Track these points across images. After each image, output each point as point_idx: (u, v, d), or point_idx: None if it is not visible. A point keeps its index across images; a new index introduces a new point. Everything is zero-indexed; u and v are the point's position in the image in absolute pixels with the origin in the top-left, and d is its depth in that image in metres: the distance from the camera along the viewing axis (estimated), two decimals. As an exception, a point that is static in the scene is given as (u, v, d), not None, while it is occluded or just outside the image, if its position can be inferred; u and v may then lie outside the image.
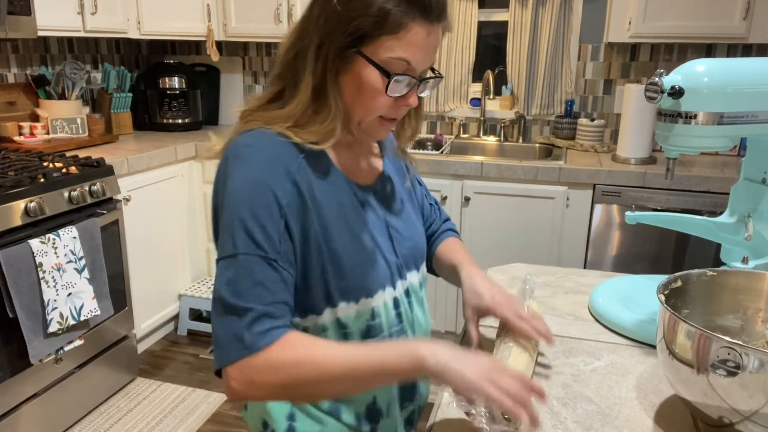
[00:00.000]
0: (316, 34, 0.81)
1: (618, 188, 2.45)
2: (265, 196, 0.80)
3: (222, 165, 0.84)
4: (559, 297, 1.21)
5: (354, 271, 0.86)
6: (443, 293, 2.76)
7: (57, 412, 2.17)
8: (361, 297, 0.88)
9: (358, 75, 0.81)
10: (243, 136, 0.84)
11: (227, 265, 0.79)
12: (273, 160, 0.82)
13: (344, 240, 0.86)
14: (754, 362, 0.64)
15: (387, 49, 0.79)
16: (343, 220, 0.87)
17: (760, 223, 1.03)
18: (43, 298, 1.95)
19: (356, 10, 0.78)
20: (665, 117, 0.96)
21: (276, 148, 0.83)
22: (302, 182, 0.83)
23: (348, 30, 0.79)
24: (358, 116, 0.85)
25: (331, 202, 0.86)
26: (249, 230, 0.79)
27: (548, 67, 2.94)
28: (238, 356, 0.76)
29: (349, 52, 0.80)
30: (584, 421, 0.81)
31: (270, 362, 0.76)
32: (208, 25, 3.08)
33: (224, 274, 0.79)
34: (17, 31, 2.28)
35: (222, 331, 0.78)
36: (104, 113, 3.03)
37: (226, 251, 0.80)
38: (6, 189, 1.91)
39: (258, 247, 0.79)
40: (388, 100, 0.83)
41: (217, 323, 0.79)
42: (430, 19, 0.80)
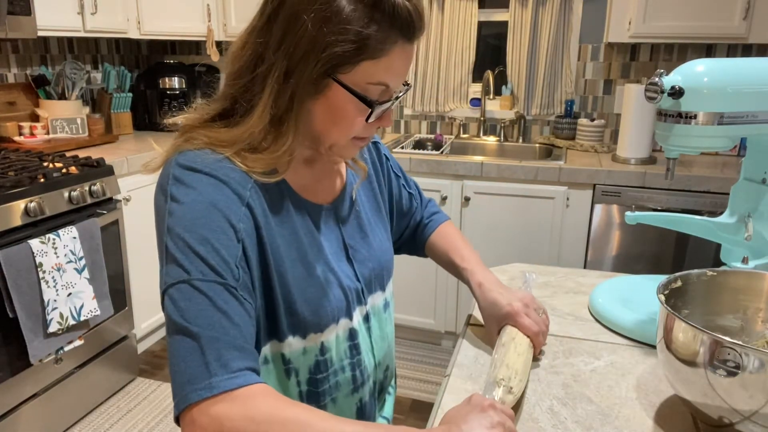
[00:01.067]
0: (281, 61, 0.72)
1: (618, 188, 2.45)
2: (217, 220, 0.70)
3: (162, 183, 0.74)
4: (559, 297, 1.21)
5: (305, 307, 0.79)
6: (443, 293, 2.76)
7: (57, 412, 2.17)
8: (309, 332, 0.81)
9: (332, 102, 0.74)
10: (185, 156, 0.74)
11: (178, 293, 0.67)
12: (222, 183, 0.72)
13: (296, 272, 0.79)
14: (754, 362, 0.64)
15: (366, 75, 0.72)
16: (296, 249, 0.80)
17: (760, 223, 1.03)
18: (43, 298, 1.95)
19: (332, 34, 0.69)
20: (665, 117, 0.96)
21: (223, 171, 0.73)
22: (256, 207, 0.75)
23: (322, 58, 0.70)
24: (331, 141, 0.79)
25: (285, 230, 0.79)
26: (201, 255, 0.68)
27: (548, 67, 2.94)
28: (199, 396, 0.62)
29: (323, 78, 0.72)
30: (584, 421, 0.81)
31: (248, 412, 0.62)
32: (208, 25, 3.08)
33: (176, 301, 0.67)
34: (17, 31, 2.28)
35: (182, 366, 0.64)
36: (104, 113, 3.03)
37: (173, 278, 0.68)
38: (6, 189, 1.91)
39: (215, 273, 0.68)
40: (363, 123, 0.77)
41: (174, 361, 0.65)
42: (410, 40, 0.74)
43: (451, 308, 2.78)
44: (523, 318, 0.93)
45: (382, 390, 1.01)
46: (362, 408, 0.92)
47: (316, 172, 0.87)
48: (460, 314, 2.78)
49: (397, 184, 1.08)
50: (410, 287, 2.77)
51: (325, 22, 0.69)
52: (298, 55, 0.71)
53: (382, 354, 0.96)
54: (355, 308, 0.88)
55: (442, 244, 1.08)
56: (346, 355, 0.87)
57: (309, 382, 0.85)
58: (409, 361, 2.76)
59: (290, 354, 0.81)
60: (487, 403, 0.70)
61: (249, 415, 0.62)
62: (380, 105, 0.76)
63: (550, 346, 1.01)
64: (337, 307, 0.84)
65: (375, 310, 0.93)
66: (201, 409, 0.62)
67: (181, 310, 0.66)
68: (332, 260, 0.85)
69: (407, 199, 1.10)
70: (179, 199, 0.71)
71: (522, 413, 0.82)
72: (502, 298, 0.95)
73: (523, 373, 0.84)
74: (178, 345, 0.65)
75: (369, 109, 0.75)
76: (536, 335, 0.93)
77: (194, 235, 0.69)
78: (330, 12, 0.69)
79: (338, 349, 0.86)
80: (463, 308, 2.76)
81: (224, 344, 0.65)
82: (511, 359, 0.85)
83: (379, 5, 0.70)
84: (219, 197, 0.71)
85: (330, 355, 0.85)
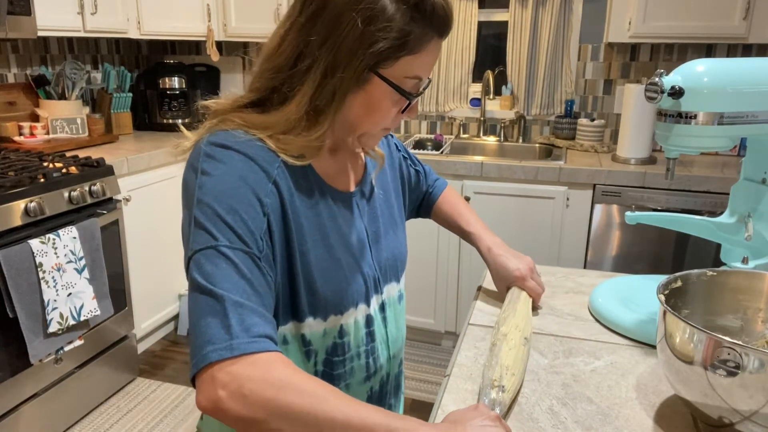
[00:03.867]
0: (325, 57, 0.75)
1: (618, 188, 2.45)
2: (246, 193, 0.74)
3: (192, 161, 0.78)
4: (559, 297, 1.21)
5: (326, 287, 0.82)
6: (443, 293, 2.76)
7: (57, 412, 2.17)
8: (330, 314, 0.83)
9: (372, 95, 0.78)
10: (216, 135, 0.78)
11: (204, 258, 0.69)
12: (251, 160, 0.76)
13: (318, 253, 0.81)
14: (754, 362, 0.64)
15: (404, 69, 0.77)
16: (318, 231, 0.82)
17: (760, 223, 1.03)
18: (43, 298, 1.95)
19: (377, 32, 0.74)
20: (665, 117, 0.96)
21: (253, 149, 0.77)
22: (282, 185, 0.78)
23: (368, 52, 0.74)
24: (363, 130, 0.83)
25: (309, 211, 0.81)
26: (229, 223, 0.71)
27: (548, 67, 2.94)
28: (219, 356, 0.64)
29: (365, 72, 0.76)
30: (584, 421, 0.81)
31: (267, 376, 0.64)
32: (208, 25, 3.08)
33: (203, 265, 0.69)
34: (17, 31, 2.28)
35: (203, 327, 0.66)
36: (104, 113, 3.03)
37: (201, 244, 0.70)
38: (6, 189, 1.91)
39: (241, 241, 0.71)
40: (395, 114, 0.82)
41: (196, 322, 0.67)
42: (443, 36, 0.80)
43: (451, 308, 2.78)
44: (530, 281, 1.09)
45: (398, 386, 1.03)
46: (372, 397, 0.93)
47: (339, 160, 0.90)
48: (460, 314, 2.78)
49: (406, 166, 1.13)
50: (410, 287, 2.77)
51: (371, 20, 0.74)
52: (343, 51, 0.75)
53: (396, 347, 0.98)
54: (372, 295, 0.90)
55: (448, 210, 1.20)
56: (362, 342, 0.89)
57: (325, 363, 0.86)
58: (409, 361, 2.77)
59: (310, 335, 0.83)
60: (494, 414, 0.73)
61: (268, 379, 0.63)
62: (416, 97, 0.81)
63: (550, 346, 1.01)
64: (357, 291, 0.87)
65: (390, 300, 0.95)
66: (221, 367, 0.64)
67: (207, 273, 0.68)
68: (353, 245, 0.87)
69: (415, 177, 1.17)
70: (209, 172, 0.74)
71: (522, 413, 0.82)
72: (511, 263, 1.10)
73: (515, 367, 0.85)
74: (202, 307, 0.67)
75: (406, 101, 0.80)
76: (539, 296, 1.11)
77: (223, 205, 0.72)
78: (376, 11, 0.74)
79: (356, 334, 0.88)
80: (463, 308, 2.76)
81: (247, 309, 0.67)
82: (503, 357, 0.86)
83: (421, 5, 0.75)
84: (248, 172, 0.75)
85: (348, 339, 0.87)
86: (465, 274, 2.71)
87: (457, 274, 2.72)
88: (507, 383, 0.81)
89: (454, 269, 2.72)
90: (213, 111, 0.84)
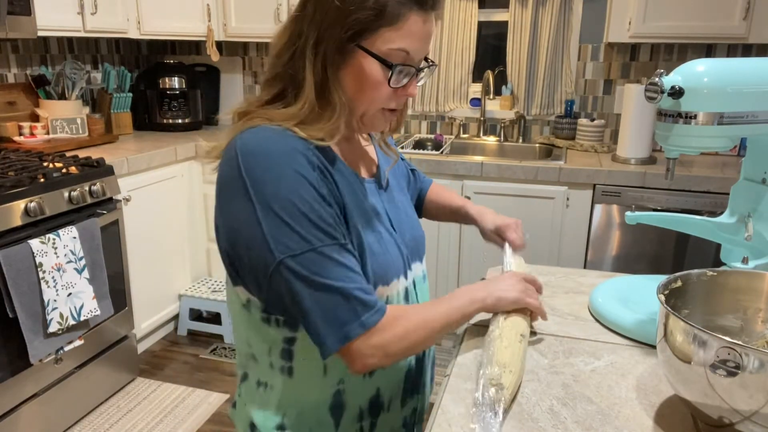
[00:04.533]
0: (313, 31, 0.81)
1: (618, 188, 2.45)
2: (306, 186, 0.79)
3: (231, 162, 0.81)
4: (559, 297, 1.21)
5: (374, 259, 0.87)
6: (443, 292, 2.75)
7: (57, 412, 2.17)
8: (378, 285, 0.88)
9: (358, 68, 0.82)
10: (249, 132, 0.82)
11: (305, 260, 0.78)
12: (291, 151, 0.80)
13: (365, 227, 0.87)
14: (754, 362, 0.64)
15: (386, 41, 0.80)
16: (358, 208, 0.88)
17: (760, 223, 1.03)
18: (43, 298, 1.95)
19: (354, 4, 0.78)
20: (665, 117, 0.96)
21: (287, 140, 0.81)
22: (325, 170, 0.83)
23: (346, 24, 0.79)
24: (361, 109, 0.86)
25: (346, 189, 0.87)
26: (312, 220, 0.78)
27: (548, 67, 2.94)
28: (357, 333, 0.79)
29: (349, 46, 0.80)
30: (584, 421, 0.81)
31: (397, 333, 0.81)
32: (208, 25, 3.08)
33: (308, 267, 0.78)
34: (17, 31, 2.28)
35: (332, 314, 0.78)
36: (104, 113, 3.03)
37: (295, 248, 0.78)
38: (6, 189, 1.91)
39: (328, 236, 0.79)
40: (389, 91, 0.84)
41: (322, 309, 0.78)
42: (425, 8, 0.81)
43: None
44: (512, 232, 1.15)
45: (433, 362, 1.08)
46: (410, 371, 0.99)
47: (354, 149, 0.96)
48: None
49: (404, 165, 1.17)
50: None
51: None
52: (325, 25, 0.80)
53: None
54: (408, 270, 0.97)
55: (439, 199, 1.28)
56: None
57: None
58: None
59: None
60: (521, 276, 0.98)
61: (399, 335, 0.82)
62: (400, 68, 0.82)
63: (550, 346, 1.01)
64: (396, 263, 0.93)
65: (417, 280, 1.00)
66: (362, 341, 0.79)
67: (317, 273, 0.78)
68: (384, 223, 0.93)
69: (411, 175, 1.23)
70: (262, 175, 0.78)
71: (522, 413, 0.82)
72: (497, 217, 1.20)
73: (512, 364, 0.84)
74: (324, 299, 0.78)
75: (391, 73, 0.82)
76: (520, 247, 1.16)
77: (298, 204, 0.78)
78: None
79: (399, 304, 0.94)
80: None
81: (358, 290, 0.79)
82: (498, 354, 0.86)
83: None
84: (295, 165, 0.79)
85: None
86: (465, 273, 2.70)
87: (457, 274, 2.72)
88: (505, 380, 0.81)
89: (454, 269, 2.72)
90: (236, 114, 0.88)
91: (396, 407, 0.98)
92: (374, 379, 0.93)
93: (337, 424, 0.92)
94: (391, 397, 0.96)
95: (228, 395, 2.49)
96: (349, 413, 0.92)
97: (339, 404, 0.92)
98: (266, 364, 0.91)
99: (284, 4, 2.97)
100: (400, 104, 0.89)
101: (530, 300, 0.95)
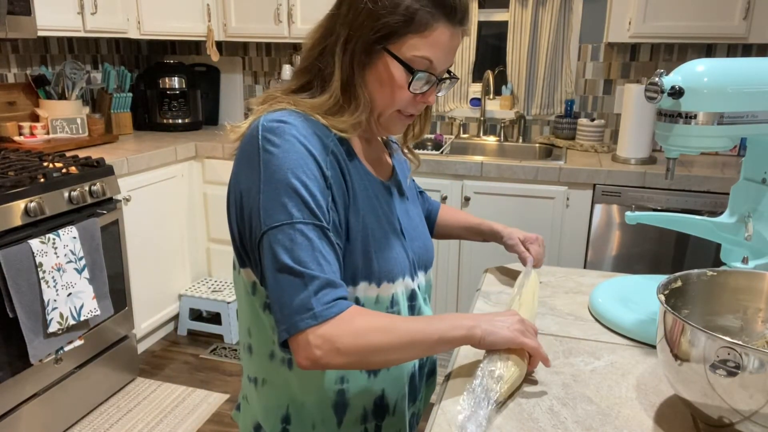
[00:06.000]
0: (344, 30, 0.84)
1: (618, 188, 2.45)
2: (311, 165, 0.80)
3: (250, 141, 0.82)
4: (559, 297, 1.21)
5: (379, 254, 0.88)
6: (443, 293, 2.76)
7: (57, 412, 2.17)
8: (383, 281, 0.89)
9: (382, 70, 0.84)
10: (273, 114, 0.84)
11: (281, 233, 0.77)
12: (310, 134, 0.82)
13: (372, 222, 0.88)
14: (754, 362, 0.64)
15: (412, 48, 0.83)
16: (369, 203, 0.89)
17: (760, 223, 1.03)
18: (43, 298, 1.95)
19: (385, 8, 0.81)
20: (665, 117, 0.96)
21: (309, 124, 0.83)
22: (339, 155, 0.85)
23: (376, 26, 0.82)
24: (379, 109, 0.88)
25: (359, 183, 0.88)
26: (303, 197, 0.78)
27: (548, 67, 2.94)
28: (307, 324, 0.75)
29: (376, 47, 0.83)
30: (584, 421, 0.81)
31: (353, 329, 0.77)
32: (208, 25, 3.08)
33: (280, 241, 0.77)
34: (17, 31, 2.28)
35: (288, 298, 0.76)
36: (104, 113, 3.03)
37: (278, 219, 0.78)
38: (6, 189, 1.91)
39: (313, 215, 0.78)
40: (408, 95, 0.86)
41: (280, 291, 0.77)
42: (453, 22, 0.84)
43: (451, 308, 2.78)
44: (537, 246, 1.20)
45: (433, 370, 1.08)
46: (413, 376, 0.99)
47: (373, 150, 0.98)
48: (460, 314, 2.77)
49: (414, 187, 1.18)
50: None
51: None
52: (356, 25, 0.83)
53: None
54: (413, 272, 0.97)
55: (452, 220, 1.28)
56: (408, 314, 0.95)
57: None
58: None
59: (364, 299, 0.88)
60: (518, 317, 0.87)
61: (353, 330, 0.77)
62: (421, 74, 0.85)
63: (550, 346, 1.01)
64: (403, 263, 0.93)
65: (421, 287, 1.00)
66: (312, 332, 0.75)
67: (287, 250, 0.77)
68: (395, 224, 0.94)
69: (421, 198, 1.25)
70: (273, 149, 0.80)
71: (522, 413, 0.82)
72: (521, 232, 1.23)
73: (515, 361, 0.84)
74: (284, 281, 0.77)
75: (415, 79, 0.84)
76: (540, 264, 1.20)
77: (293, 180, 0.78)
78: None
79: (404, 305, 0.94)
80: (463, 308, 2.76)
81: (322, 281, 0.77)
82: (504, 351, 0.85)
83: None
84: (309, 145, 0.81)
85: (398, 308, 0.92)
86: (465, 274, 2.71)
87: (457, 274, 2.72)
88: (506, 373, 0.81)
89: (454, 269, 2.72)
90: (263, 98, 0.90)
91: (401, 411, 0.97)
92: (379, 380, 0.93)
93: (340, 422, 0.92)
94: (396, 400, 0.96)
95: (228, 395, 2.49)
96: (353, 413, 0.92)
97: (342, 403, 0.91)
98: (266, 355, 0.91)
99: (284, 4, 2.97)
100: (418, 110, 0.91)
101: (527, 340, 0.84)
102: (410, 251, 0.96)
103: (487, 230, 1.24)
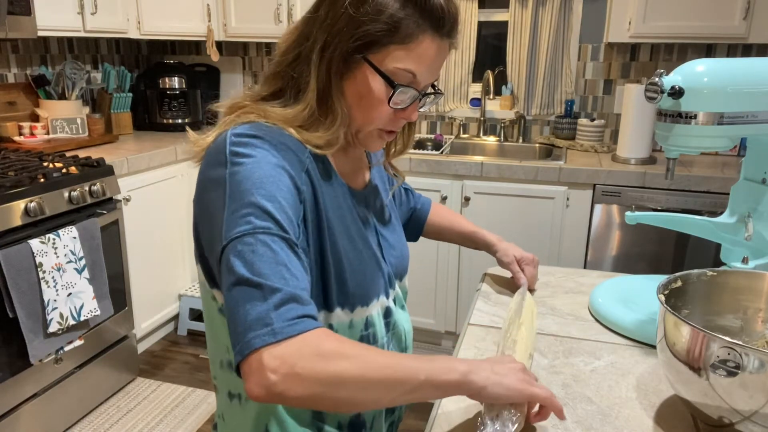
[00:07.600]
0: (322, 36, 0.78)
1: (618, 188, 2.45)
2: (284, 178, 0.73)
3: (216, 155, 0.75)
4: (559, 297, 1.21)
5: (353, 277, 0.83)
6: (443, 293, 2.76)
7: (57, 412, 2.17)
8: (357, 305, 0.84)
9: (361, 82, 0.78)
10: (242, 126, 0.77)
11: (241, 244, 0.68)
12: (284, 148, 0.76)
13: (345, 244, 0.83)
14: (754, 362, 0.64)
15: (394, 59, 0.77)
16: (342, 222, 0.84)
17: (760, 223, 1.03)
18: (43, 298, 1.95)
19: (367, 15, 0.75)
20: (665, 117, 0.96)
21: (283, 137, 0.77)
22: (313, 174, 0.79)
23: (356, 34, 0.76)
24: (357, 125, 0.82)
25: (333, 202, 0.83)
26: (267, 210, 0.70)
27: (548, 67, 2.94)
28: (263, 342, 0.63)
29: (355, 57, 0.77)
30: (584, 421, 0.81)
31: (318, 351, 0.64)
32: (208, 25, 3.08)
33: (240, 253, 0.67)
34: (17, 31, 2.28)
35: (243, 314, 0.65)
36: (104, 113, 3.03)
37: (238, 231, 0.68)
38: (6, 189, 1.91)
39: (279, 227, 0.70)
40: (388, 111, 0.80)
41: (234, 307, 0.66)
42: (440, 33, 0.78)
43: (451, 308, 2.78)
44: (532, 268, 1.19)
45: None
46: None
47: (350, 160, 0.91)
48: (460, 314, 2.78)
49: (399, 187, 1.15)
50: (410, 287, 2.76)
51: (363, 2, 0.75)
52: (335, 31, 0.77)
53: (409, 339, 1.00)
54: (388, 289, 0.93)
55: (445, 222, 1.23)
56: (383, 334, 0.91)
57: None
58: (409, 361, 2.76)
59: (338, 326, 0.83)
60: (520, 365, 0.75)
61: (317, 352, 0.64)
62: (403, 88, 0.78)
63: (550, 346, 1.01)
64: (378, 283, 0.88)
65: (398, 297, 0.97)
66: (267, 352, 0.63)
67: (246, 261, 0.67)
68: (370, 240, 0.89)
69: (405, 196, 1.20)
70: (243, 161, 0.73)
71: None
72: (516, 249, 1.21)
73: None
74: (241, 294, 0.66)
75: (393, 93, 0.78)
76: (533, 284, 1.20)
77: (261, 191, 0.71)
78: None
79: (380, 325, 0.89)
80: (463, 308, 2.76)
81: (285, 294, 0.66)
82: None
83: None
84: (283, 159, 0.75)
85: (374, 330, 0.88)
86: (465, 274, 2.70)
87: (457, 274, 2.72)
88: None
89: (454, 269, 2.72)
90: (230, 106, 0.84)
91: (379, 425, 0.93)
92: None
93: None
94: (374, 416, 0.91)
95: (228, 395, 2.49)
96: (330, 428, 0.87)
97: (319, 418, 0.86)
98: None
99: (284, 4, 2.97)
100: (398, 127, 0.85)
101: (539, 391, 0.72)
102: (387, 265, 0.92)
103: (480, 240, 1.21)
